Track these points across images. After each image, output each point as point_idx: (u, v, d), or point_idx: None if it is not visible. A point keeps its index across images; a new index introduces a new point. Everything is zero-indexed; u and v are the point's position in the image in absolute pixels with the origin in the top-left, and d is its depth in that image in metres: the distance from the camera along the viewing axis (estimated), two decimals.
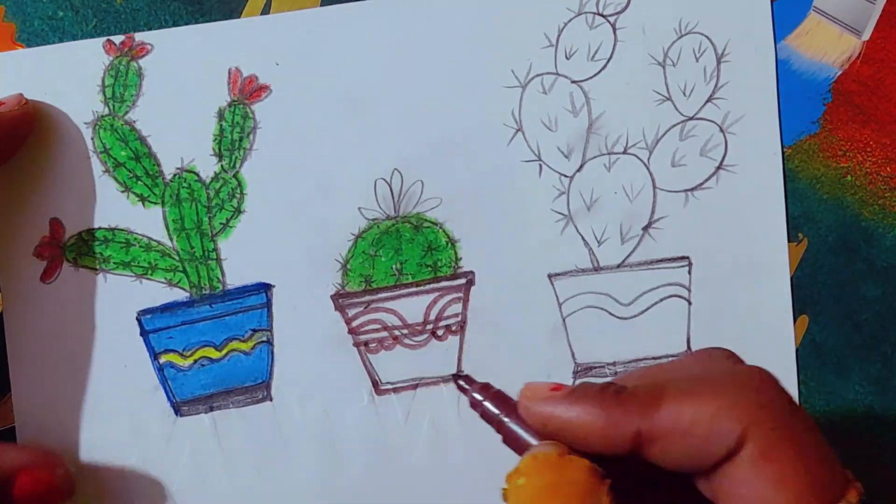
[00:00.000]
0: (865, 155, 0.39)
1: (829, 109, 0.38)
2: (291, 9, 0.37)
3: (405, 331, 0.38)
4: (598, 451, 0.27)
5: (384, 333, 0.38)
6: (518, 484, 0.25)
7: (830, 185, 0.39)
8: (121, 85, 0.37)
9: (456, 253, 0.38)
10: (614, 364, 0.39)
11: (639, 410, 0.27)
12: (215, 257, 0.37)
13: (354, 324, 0.38)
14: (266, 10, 0.37)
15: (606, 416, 0.27)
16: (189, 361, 0.38)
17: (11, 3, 0.37)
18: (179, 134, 0.37)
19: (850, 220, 0.39)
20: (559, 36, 0.38)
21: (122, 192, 0.37)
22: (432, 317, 0.38)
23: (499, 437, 0.28)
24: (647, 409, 0.27)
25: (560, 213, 0.38)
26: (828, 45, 0.38)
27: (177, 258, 0.37)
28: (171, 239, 0.37)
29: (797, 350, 0.39)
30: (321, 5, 0.37)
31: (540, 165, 0.38)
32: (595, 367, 0.39)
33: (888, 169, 0.39)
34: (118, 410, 0.37)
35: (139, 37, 0.37)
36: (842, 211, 0.39)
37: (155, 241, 0.37)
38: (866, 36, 0.38)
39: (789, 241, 0.39)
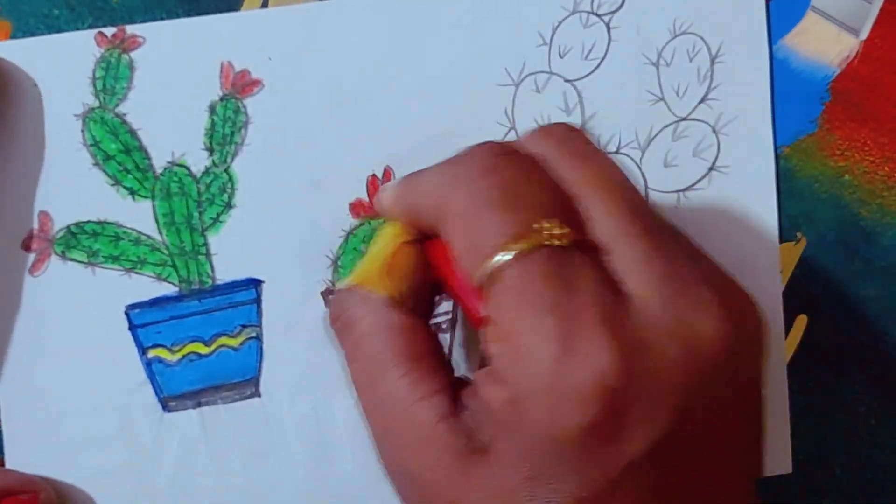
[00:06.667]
0: (863, 154, 0.36)
1: (827, 109, 0.36)
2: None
3: None
4: (408, 224, 0.30)
5: None
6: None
7: (829, 184, 0.36)
8: (112, 77, 0.34)
9: None
10: None
11: (402, 184, 0.30)
12: (205, 252, 0.35)
13: None
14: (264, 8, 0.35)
15: (397, 190, 0.30)
16: (177, 357, 0.35)
17: (6, 1, 0.34)
18: (170, 127, 0.34)
19: (848, 219, 0.36)
20: (553, 34, 0.35)
21: (112, 185, 0.34)
22: None
23: None
24: (413, 185, 0.29)
25: None
26: (826, 45, 0.36)
27: (166, 252, 0.34)
28: (160, 233, 0.34)
29: (796, 350, 0.36)
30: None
31: None
32: None
33: (886, 168, 0.36)
34: (105, 405, 0.35)
35: (131, 29, 0.34)
36: (840, 210, 0.36)
37: (144, 235, 0.34)
38: (864, 35, 0.36)
39: (787, 240, 0.36)
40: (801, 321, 0.36)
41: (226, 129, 0.34)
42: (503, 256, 0.24)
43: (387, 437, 0.27)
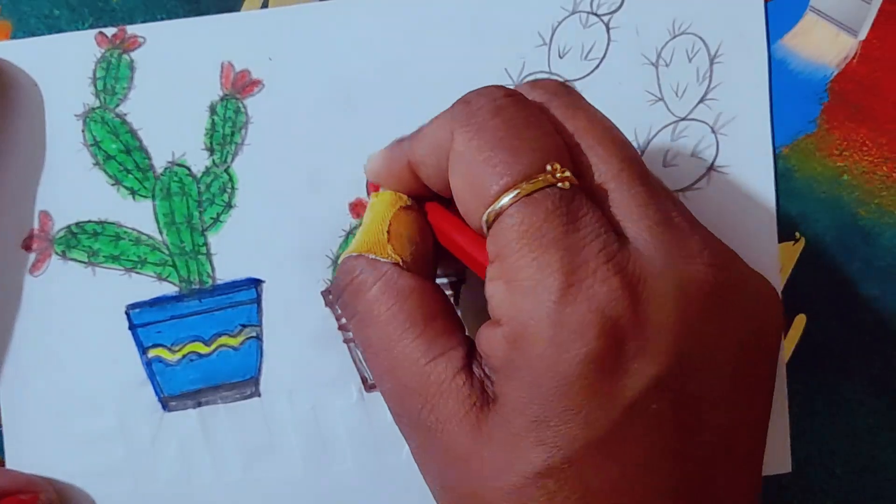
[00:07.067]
0: (862, 154, 0.36)
1: (825, 109, 0.36)
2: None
3: None
4: (401, 188, 0.30)
5: None
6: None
7: (827, 184, 0.36)
8: (112, 77, 0.34)
9: None
10: None
11: (407, 142, 0.29)
12: (205, 252, 0.34)
13: (344, 320, 0.34)
14: (264, 8, 0.34)
15: (388, 152, 0.30)
16: (177, 356, 0.34)
17: (7, 1, 0.34)
18: (171, 127, 0.34)
19: (847, 218, 0.36)
20: (553, 35, 0.35)
21: (113, 185, 0.34)
22: None
23: None
24: (412, 141, 0.29)
25: None
26: (824, 45, 0.36)
27: (166, 252, 0.34)
28: (160, 233, 0.34)
29: (795, 349, 0.36)
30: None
31: None
32: None
33: (885, 168, 0.36)
34: (105, 405, 0.35)
35: (131, 29, 0.34)
36: (839, 210, 0.36)
37: (145, 234, 0.34)
38: (862, 35, 0.36)
39: (786, 240, 0.36)
40: (801, 321, 0.36)
41: (226, 129, 0.34)
42: (509, 196, 0.25)
43: (405, 395, 0.27)
